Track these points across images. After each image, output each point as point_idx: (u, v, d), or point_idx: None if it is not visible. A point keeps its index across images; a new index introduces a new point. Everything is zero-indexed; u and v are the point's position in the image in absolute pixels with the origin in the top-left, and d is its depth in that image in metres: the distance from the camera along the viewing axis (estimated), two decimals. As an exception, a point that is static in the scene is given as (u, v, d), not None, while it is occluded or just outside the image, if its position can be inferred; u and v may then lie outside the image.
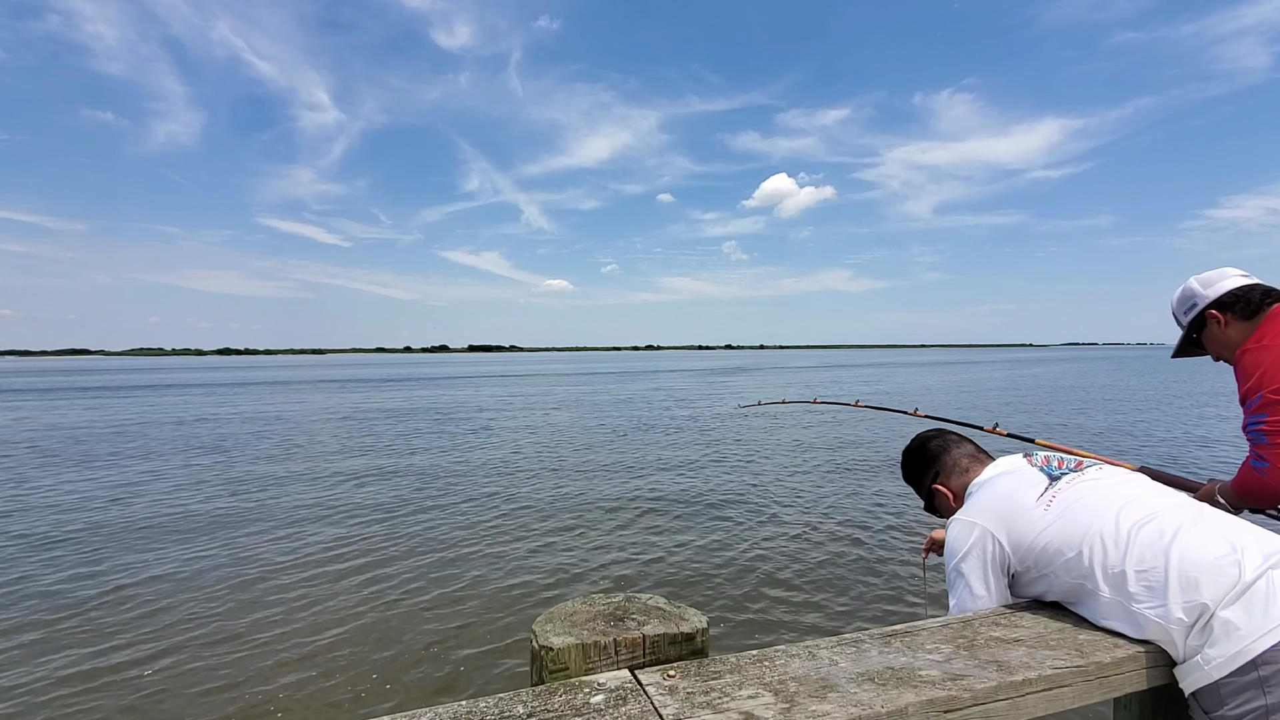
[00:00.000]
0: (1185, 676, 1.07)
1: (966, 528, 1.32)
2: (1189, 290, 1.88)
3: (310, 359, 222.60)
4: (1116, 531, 1.17)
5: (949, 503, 1.53)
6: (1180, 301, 1.91)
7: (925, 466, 1.59)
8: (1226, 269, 1.85)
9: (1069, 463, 1.38)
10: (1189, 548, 1.10)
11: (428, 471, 9.84)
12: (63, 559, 5.81)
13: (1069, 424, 14.47)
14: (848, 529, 6.34)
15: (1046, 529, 1.23)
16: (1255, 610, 1.02)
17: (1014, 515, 1.28)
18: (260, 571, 5.42)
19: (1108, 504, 1.22)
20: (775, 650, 1.04)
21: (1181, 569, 1.08)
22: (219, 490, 8.65)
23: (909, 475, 1.66)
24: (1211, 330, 1.84)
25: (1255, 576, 1.04)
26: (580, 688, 0.90)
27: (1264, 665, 0.99)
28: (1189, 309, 1.88)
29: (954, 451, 1.54)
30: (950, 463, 1.53)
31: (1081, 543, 1.18)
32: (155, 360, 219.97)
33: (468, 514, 7.23)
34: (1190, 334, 1.91)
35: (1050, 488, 1.29)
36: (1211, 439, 11.96)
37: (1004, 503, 1.31)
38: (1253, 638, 1.00)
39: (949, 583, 1.37)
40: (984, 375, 39.03)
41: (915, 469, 1.62)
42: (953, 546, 1.35)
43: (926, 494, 1.60)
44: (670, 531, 6.42)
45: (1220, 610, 1.03)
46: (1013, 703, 0.96)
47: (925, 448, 1.60)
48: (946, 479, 1.53)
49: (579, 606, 1.06)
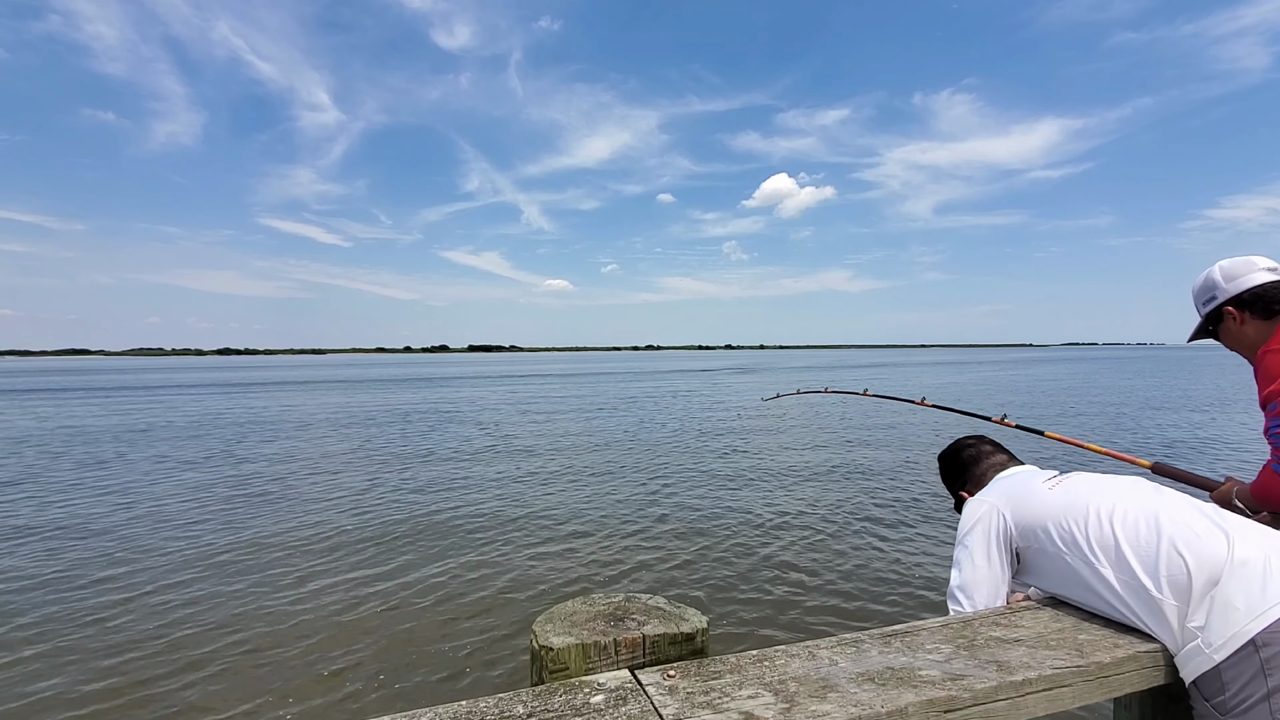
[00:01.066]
0: (1185, 664, 1.08)
1: (976, 504, 1.46)
2: (1210, 280, 1.77)
3: (310, 359, 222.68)
4: (1113, 508, 1.24)
5: None
6: (1201, 291, 1.81)
7: (957, 473, 1.73)
8: (1255, 259, 1.74)
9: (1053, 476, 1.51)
10: (1184, 530, 1.14)
11: (428, 471, 9.84)
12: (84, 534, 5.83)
13: (1084, 425, 14.46)
14: (848, 529, 6.34)
15: (1049, 505, 1.34)
16: (1253, 590, 1.03)
17: (1021, 495, 1.41)
18: (261, 570, 5.42)
19: (1109, 489, 1.31)
20: (775, 650, 1.04)
21: (1174, 545, 1.12)
22: (220, 489, 8.65)
23: (944, 477, 1.80)
24: (1228, 326, 1.76)
25: (1248, 557, 1.06)
26: (580, 688, 0.90)
27: (1264, 646, 0.99)
28: (1207, 300, 1.79)
29: (984, 463, 1.66)
30: (979, 474, 1.65)
31: (1079, 515, 1.27)
32: (155, 360, 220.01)
33: (468, 513, 7.23)
34: (1206, 325, 1.83)
35: (1059, 476, 1.43)
36: (1223, 440, 11.95)
37: (1013, 487, 1.45)
38: (1251, 617, 1.01)
39: (954, 558, 1.47)
40: (988, 375, 39.02)
41: (949, 474, 1.77)
42: (964, 518, 1.47)
43: (957, 499, 1.72)
44: (670, 531, 6.41)
45: (1216, 592, 1.05)
46: (1013, 703, 0.96)
47: (959, 456, 1.73)
48: (975, 485, 1.65)
49: (579, 606, 1.06)
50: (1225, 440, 11.77)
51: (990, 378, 35.80)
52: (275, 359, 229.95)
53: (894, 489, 7.95)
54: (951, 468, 1.75)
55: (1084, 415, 16.18)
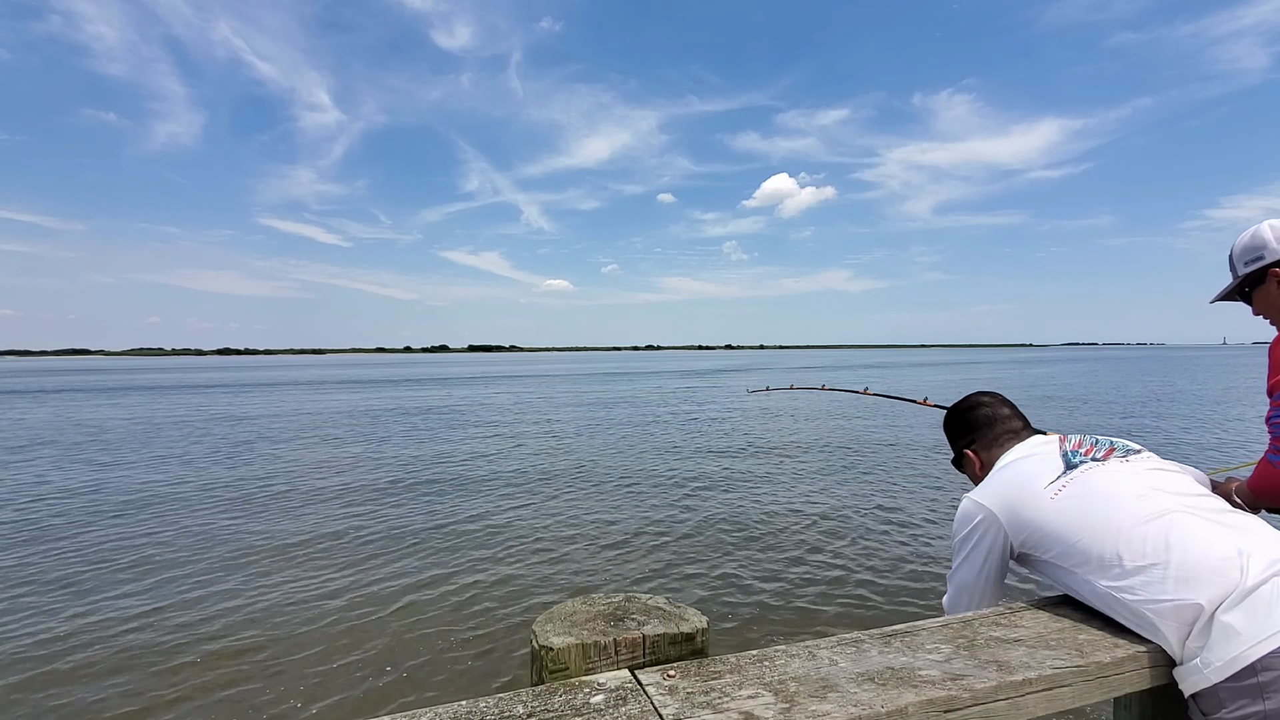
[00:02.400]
0: (1185, 679, 1.07)
1: (974, 508, 1.38)
2: (1260, 239, 1.55)
3: (310, 359, 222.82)
4: (1119, 526, 1.16)
5: (975, 470, 1.57)
6: (1245, 249, 1.58)
7: (964, 431, 1.62)
8: None
9: (1099, 449, 1.36)
10: (1193, 548, 1.09)
11: (428, 471, 9.84)
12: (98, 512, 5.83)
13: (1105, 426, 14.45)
14: (849, 529, 6.34)
15: (1051, 518, 1.25)
16: (1257, 615, 1.00)
17: (1020, 501, 1.31)
18: (260, 568, 5.42)
19: (1116, 497, 1.21)
20: (775, 650, 1.03)
21: (1183, 568, 1.07)
22: (220, 490, 8.66)
23: (951, 430, 1.68)
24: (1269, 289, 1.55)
25: (1258, 582, 1.02)
26: (580, 688, 0.90)
27: (1263, 671, 0.98)
28: (1253, 259, 1.57)
29: (999, 427, 1.55)
30: (991, 437, 1.55)
31: (1082, 533, 1.20)
32: (155, 360, 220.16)
33: (467, 514, 7.23)
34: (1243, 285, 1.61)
35: (1063, 476, 1.30)
36: (1234, 442, 11.94)
37: (1014, 488, 1.34)
38: (1252, 642, 0.99)
39: (951, 569, 1.43)
40: (992, 375, 39.00)
41: (957, 429, 1.65)
42: (960, 521, 1.40)
43: (958, 455, 1.63)
44: (670, 531, 6.41)
45: (1220, 614, 1.02)
46: (1013, 703, 0.95)
47: (973, 413, 1.61)
48: (984, 449, 1.55)
49: (579, 606, 1.06)
50: (1256, 441, 11.77)
51: (999, 377, 35.76)
52: (275, 359, 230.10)
53: (894, 489, 7.95)
54: (961, 424, 1.63)
55: (1115, 418, 16.16)
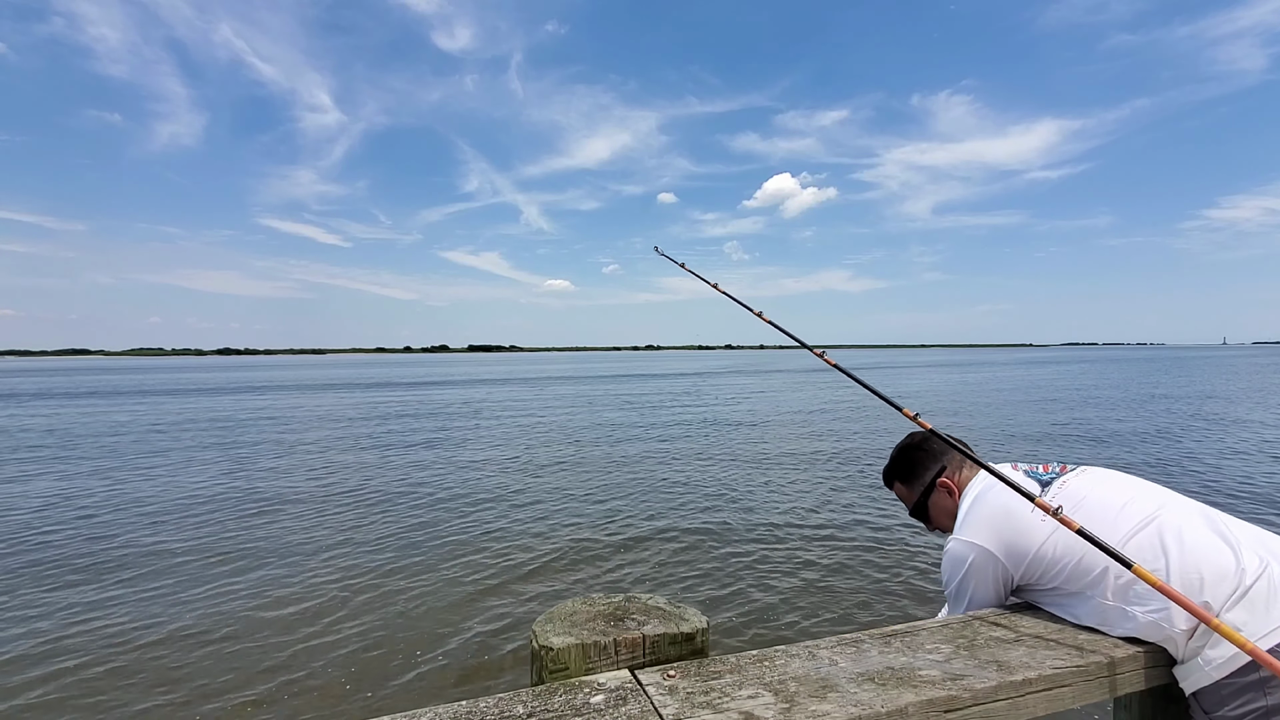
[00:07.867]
0: (1185, 677, 1.07)
1: (966, 548, 1.30)
2: None
3: (310, 359, 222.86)
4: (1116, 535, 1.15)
5: (949, 502, 1.47)
6: None
7: (930, 461, 1.52)
8: None
9: (1053, 467, 1.35)
10: (1189, 550, 1.09)
11: (427, 472, 9.84)
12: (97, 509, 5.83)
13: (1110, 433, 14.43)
14: (849, 528, 6.34)
15: (1046, 540, 1.22)
16: (1256, 611, 1.02)
17: (1011, 530, 1.26)
18: (260, 567, 5.42)
19: (1105, 508, 1.20)
20: (775, 650, 1.04)
21: (1183, 572, 1.07)
22: (219, 491, 8.66)
23: (907, 470, 1.56)
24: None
25: (1255, 578, 1.04)
26: (580, 688, 0.90)
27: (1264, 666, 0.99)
28: None
29: (951, 452, 1.48)
30: (958, 460, 1.48)
31: (1083, 550, 1.16)
32: (156, 360, 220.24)
33: (467, 514, 7.23)
34: None
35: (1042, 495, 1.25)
36: (1245, 448, 11.93)
37: (1000, 520, 1.28)
38: (1253, 638, 0.99)
39: (949, 600, 1.36)
40: (994, 375, 38.85)
41: (917, 465, 1.54)
42: (952, 566, 1.33)
43: (927, 489, 1.51)
44: (670, 531, 6.41)
45: (1223, 613, 1.03)
46: (1013, 703, 0.96)
47: (926, 445, 1.53)
48: (956, 471, 1.48)
49: (579, 606, 1.06)
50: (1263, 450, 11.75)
51: (1002, 377, 35.65)
52: (275, 359, 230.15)
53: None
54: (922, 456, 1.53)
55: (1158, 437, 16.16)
